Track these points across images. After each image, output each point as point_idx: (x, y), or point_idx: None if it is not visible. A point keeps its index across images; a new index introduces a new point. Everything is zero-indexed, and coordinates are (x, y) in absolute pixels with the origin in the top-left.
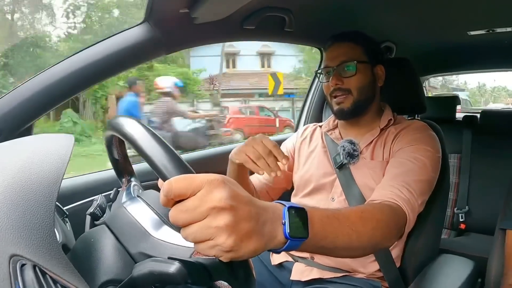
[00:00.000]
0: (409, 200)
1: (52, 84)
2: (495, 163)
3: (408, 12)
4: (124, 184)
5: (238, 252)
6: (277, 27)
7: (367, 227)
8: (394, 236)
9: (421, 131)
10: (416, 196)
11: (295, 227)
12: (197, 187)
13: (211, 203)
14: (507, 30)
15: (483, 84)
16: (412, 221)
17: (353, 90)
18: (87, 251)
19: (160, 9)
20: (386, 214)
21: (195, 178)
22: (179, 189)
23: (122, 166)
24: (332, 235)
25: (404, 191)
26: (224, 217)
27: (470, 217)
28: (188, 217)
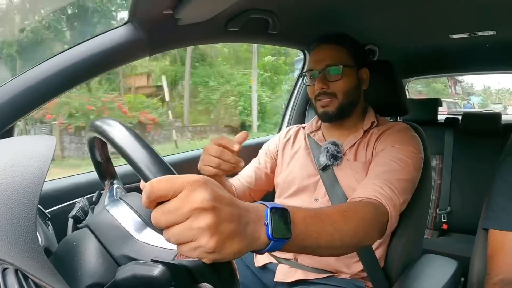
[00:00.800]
0: (390, 198)
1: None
2: (476, 164)
3: (391, 15)
4: (107, 187)
5: (221, 253)
6: (261, 29)
7: (350, 225)
8: (376, 234)
9: (403, 132)
10: (398, 194)
11: (278, 228)
12: (179, 188)
13: (192, 204)
14: (488, 33)
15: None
16: (394, 219)
17: (338, 94)
18: (69, 254)
19: (144, 10)
20: (368, 211)
21: (177, 179)
22: (161, 190)
23: (104, 168)
24: (315, 235)
25: (386, 188)
26: (206, 218)
27: (452, 218)
28: (170, 218)
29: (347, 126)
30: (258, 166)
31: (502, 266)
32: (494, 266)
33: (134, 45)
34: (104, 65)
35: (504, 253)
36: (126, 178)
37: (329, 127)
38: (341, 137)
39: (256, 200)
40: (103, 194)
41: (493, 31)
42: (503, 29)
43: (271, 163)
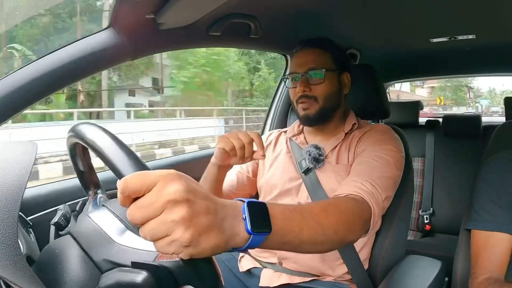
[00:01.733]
0: (372, 193)
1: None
2: (458, 166)
3: (372, 19)
4: (91, 196)
5: (198, 248)
6: (243, 33)
7: (332, 220)
8: (360, 229)
9: (384, 133)
10: (380, 190)
11: (256, 221)
12: (152, 183)
13: (166, 197)
14: (468, 37)
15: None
16: (377, 216)
17: (319, 97)
18: (52, 262)
19: (126, 15)
20: (350, 206)
21: (150, 174)
22: (134, 185)
23: (87, 178)
24: (297, 229)
25: (367, 184)
26: (180, 210)
27: (435, 218)
28: (144, 213)
29: (328, 130)
30: (240, 170)
31: (486, 265)
32: (479, 265)
33: (116, 50)
34: (85, 70)
35: (488, 252)
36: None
37: (310, 131)
38: (323, 141)
39: None
40: (87, 203)
41: (472, 35)
42: (483, 33)
43: (252, 167)
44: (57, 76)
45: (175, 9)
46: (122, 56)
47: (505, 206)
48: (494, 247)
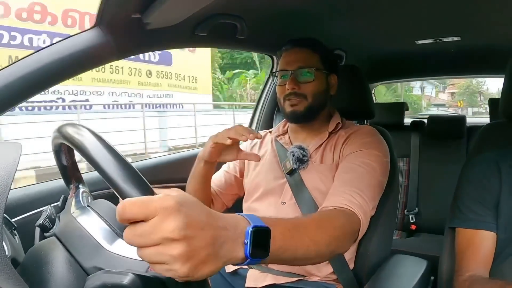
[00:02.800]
0: (361, 206)
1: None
2: (442, 166)
3: (358, 21)
4: (72, 191)
5: (194, 276)
6: (229, 34)
7: (325, 236)
8: (349, 242)
9: (370, 136)
10: (367, 201)
11: (257, 248)
12: (151, 214)
13: (163, 233)
14: (453, 39)
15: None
16: (365, 226)
17: (308, 95)
18: (37, 264)
19: (112, 14)
20: (342, 221)
21: (150, 203)
22: (132, 214)
23: (70, 172)
24: (292, 248)
25: (357, 196)
26: (177, 247)
27: (420, 218)
28: (142, 241)
29: (313, 129)
30: (228, 170)
31: (470, 263)
32: (463, 263)
33: (102, 49)
34: (70, 70)
35: (472, 250)
36: (93, 185)
37: (295, 130)
38: (307, 139)
39: (228, 205)
40: (69, 200)
41: (457, 37)
42: (468, 35)
43: (239, 167)
44: (42, 76)
45: (162, 8)
46: (108, 56)
47: (489, 204)
48: (479, 245)
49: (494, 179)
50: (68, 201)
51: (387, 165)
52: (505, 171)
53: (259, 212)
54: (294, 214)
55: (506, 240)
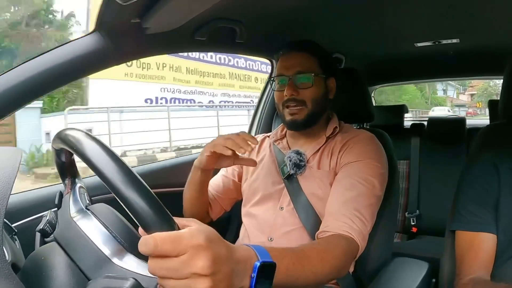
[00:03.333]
0: (361, 231)
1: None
2: (443, 168)
3: (357, 24)
4: (68, 187)
5: None
6: (228, 38)
7: (326, 268)
8: (348, 267)
9: (368, 144)
10: (367, 223)
11: (262, 282)
12: (182, 251)
13: (193, 269)
14: (452, 41)
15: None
16: (363, 248)
17: (308, 102)
18: (38, 269)
19: (111, 19)
20: (342, 250)
21: (181, 241)
22: (164, 251)
23: (67, 167)
24: (294, 279)
25: (357, 221)
26: (204, 282)
27: (421, 221)
28: (168, 274)
29: (311, 134)
30: (226, 174)
31: (471, 266)
32: (464, 266)
33: (101, 54)
34: (70, 74)
35: (473, 253)
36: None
37: (293, 135)
38: (305, 144)
39: (226, 208)
40: (65, 196)
41: (456, 39)
42: (466, 37)
43: (238, 171)
44: (42, 81)
45: (161, 13)
46: (108, 61)
47: (488, 207)
48: (479, 247)
49: (493, 181)
50: (65, 198)
51: (385, 177)
52: (504, 173)
53: (257, 217)
54: (292, 220)
55: (507, 242)
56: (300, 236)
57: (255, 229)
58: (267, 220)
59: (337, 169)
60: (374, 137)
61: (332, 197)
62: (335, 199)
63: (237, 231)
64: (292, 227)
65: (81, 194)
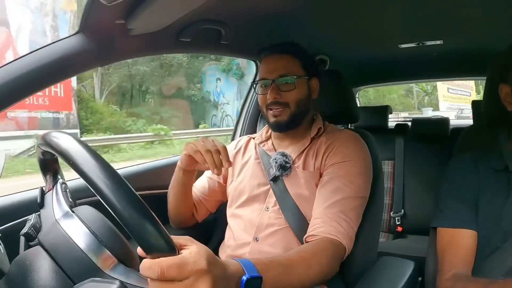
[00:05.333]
0: (347, 234)
1: None
2: (427, 168)
3: (341, 26)
4: (49, 183)
5: None
6: (213, 39)
7: (312, 274)
8: (334, 271)
9: (353, 144)
10: (353, 225)
11: None
12: (186, 276)
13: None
14: (436, 43)
15: None
16: (350, 250)
17: (291, 104)
18: (23, 274)
19: (96, 20)
20: (328, 256)
21: (185, 267)
22: (170, 277)
23: (50, 164)
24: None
25: (343, 224)
26: None
27: (406, 220)
28: None
29: (296, 135)
30: (211, 176)
31: (453, 262)
32: (445, 262)
33: (85, 55)
34: (53, 76)
35: (453, 249)
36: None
37: (278, 136)
38: (290, 146)
39: (211, 210)
40: (47, 194)
41: (440, 41)
42: (450, 39)
43: (223, 173)
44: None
45: (146, 14)
46: (92, 62)
47: (468, 203)
48: (459, 243)
49: (473, 178)
50: (47, 196)
51: (370, 177)
52: (483, 171)
53: (243, 218)
54: (277, 220)
55: (487, 237)
56: (285, 236)
57: (241, 229)
58: (253, 220)
59: (322, 169)
60: (358, 137)
61: (318, 200)
62: (321, 202)
63: (223, 232)
64: (277, 227)
65: (64, 192)
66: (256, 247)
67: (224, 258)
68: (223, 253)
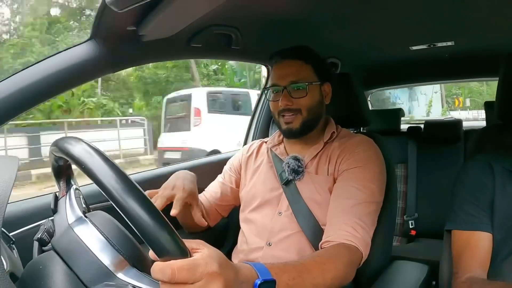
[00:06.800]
0: (363, 239)
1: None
2: (440, 170)
3: (352, 29)
4: (63, 189)
5: None
6: (224, 44)
7: (327, 279)
8: (350, 277)
9: (366, 148)
10: (368, 230)
11: None
12: (198, 279)
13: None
14: (447, 44)
15: None
16: (366, 255)
17: (303, 110)
18: (36, 279)
19: (107, 27)
20: (344, 261)
21: (197, 269)
22: (181, 279)
23: (62, 169)
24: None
25: (359, 229)
26: None
27: (420, 224)
28: None
29: (309, 140)
30: (223, 181)
31: (469, 265)
32: (461, 265)
33: (97, 62)
34: (66, 83)
35: (469, 252)
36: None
37: (290, 141)
38: (303, 150)
39: (224, 215)
40: (61, 199)
41: (451, 42)
42: (461, 40)
43: (235, 178)
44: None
45: (157, 21)
46: (104, 68)
47: (483, 205)
48: (475, 246)
49: (488, 180)
50: (61, 202)
51: (384, 181)
52: (498, 172)
53: (255, 222)
54: (290, 225)
55: (503, 240)
56: (298, 240)
57: (253, 234)
58: (266, 225)
59: (336, 174)
60: (371, 141)
61: (333, 206)
62: (336, 208)
63: (235, 236)
64: (290, 232)
65: (77, 198)
66: (269, 252)
67: (237, 262)
68: (236, 258)
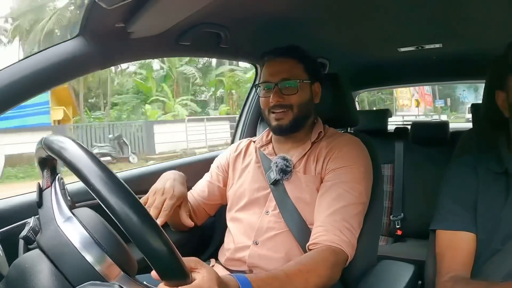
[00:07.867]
0: (350, 242)
1: None
2: (427, 171)
3: (341, 29)
4: (47, 179)
5: None
6: (213, 43)
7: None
8: (334, 279)
9: (353, 148)
10: (355, 232)
11: None
12: None
13: None
14: (435, 46)
15: None
16: (352, 256)
17: (294, 106)
18: (22, 277)
19: (96, 23)
20: (328, 266)
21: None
22: None
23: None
24: None
25: (346, 232)
26: None
27: (406, 223)
28: None
29: (297, 139)
30: (210, 180)
31: (451, 264)
32: (444, 265)
33: (85, 58)
34: (54, 79)
35: (452, 251)
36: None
37: (279, 140)
38: (291, 150)
39: (211, 213)
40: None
41: (439, 44)
42: (449, 42)
43: (223, 177)
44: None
45: (146, 18)
46: (92, 65)
47: (467, 206)
48: (458, 246)
49: (472, 180)
50: (46, 194)
51: (370, 181)
52: (482, 173)
53: (242, 221)
54: (277, 224)
55: (486, 240)
56: (285, 239)
57: (241, 233)
58: (253, 224)
59: (323, 174)
60: (359, 141)
61: (320, 207)
62: (323, 209)
63: (222, 235)
64: (277, 231)
65: (62, 190)
66: (255, 251)
67: (223, 261)
68: (222, 256)
